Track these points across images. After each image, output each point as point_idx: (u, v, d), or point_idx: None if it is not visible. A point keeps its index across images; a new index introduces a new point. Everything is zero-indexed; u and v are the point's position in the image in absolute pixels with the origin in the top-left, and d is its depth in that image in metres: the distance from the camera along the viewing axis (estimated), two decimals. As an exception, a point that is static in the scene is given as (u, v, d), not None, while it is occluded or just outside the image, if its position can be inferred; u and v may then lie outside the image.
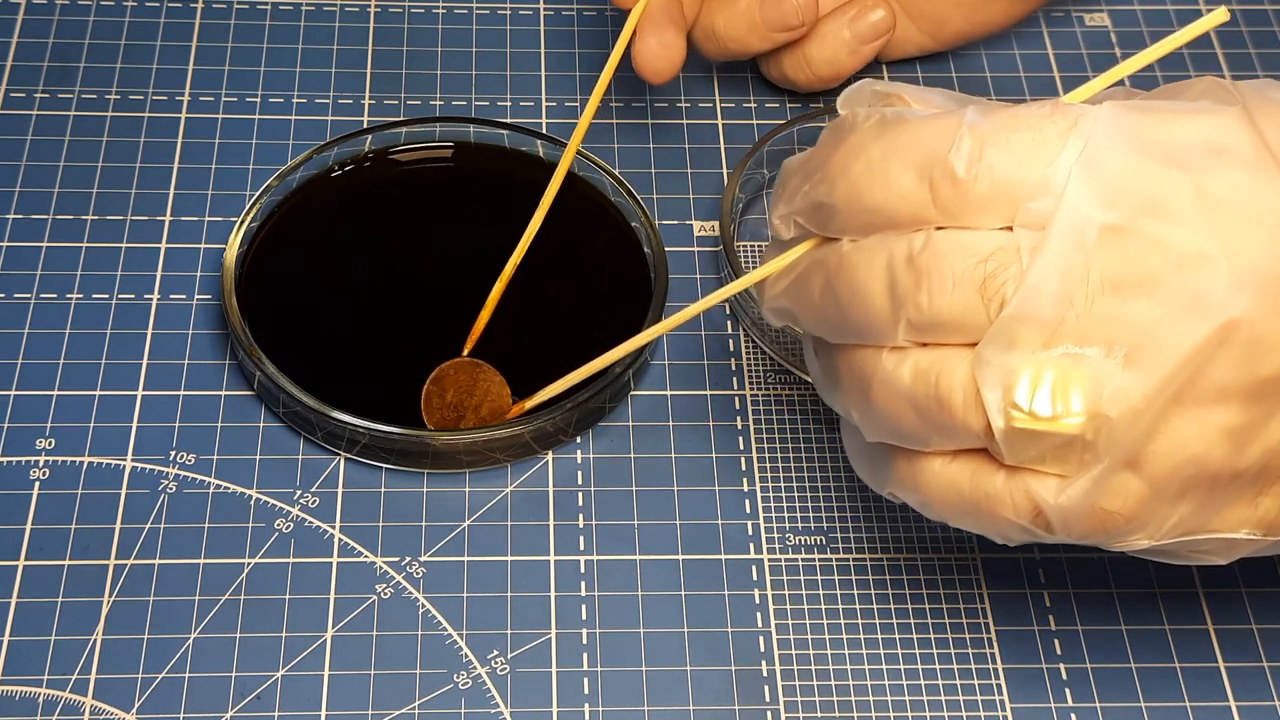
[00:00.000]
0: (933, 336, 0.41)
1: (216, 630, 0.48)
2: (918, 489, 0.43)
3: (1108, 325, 0.39)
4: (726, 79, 0.64)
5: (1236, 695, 0.48)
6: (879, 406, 0.42)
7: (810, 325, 0.44)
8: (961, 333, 0.40)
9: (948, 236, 0.40)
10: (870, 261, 0.41)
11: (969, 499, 0.42)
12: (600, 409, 0.53)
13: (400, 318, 0.55)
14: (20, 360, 0.54)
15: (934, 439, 0.42)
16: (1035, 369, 0.40)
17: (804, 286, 0.44)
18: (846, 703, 0.48)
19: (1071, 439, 0.40)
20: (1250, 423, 0.40)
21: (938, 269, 0.40)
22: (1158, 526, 0.41)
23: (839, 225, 0.42)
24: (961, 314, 0.40)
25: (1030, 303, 0.39)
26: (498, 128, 0.59)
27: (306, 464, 0.52)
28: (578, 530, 0.51)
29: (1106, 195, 0.39)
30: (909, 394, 0.41)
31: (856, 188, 0.42)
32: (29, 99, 0.62)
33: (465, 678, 0.48)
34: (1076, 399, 0.39)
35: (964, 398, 0.40)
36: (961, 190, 0.40)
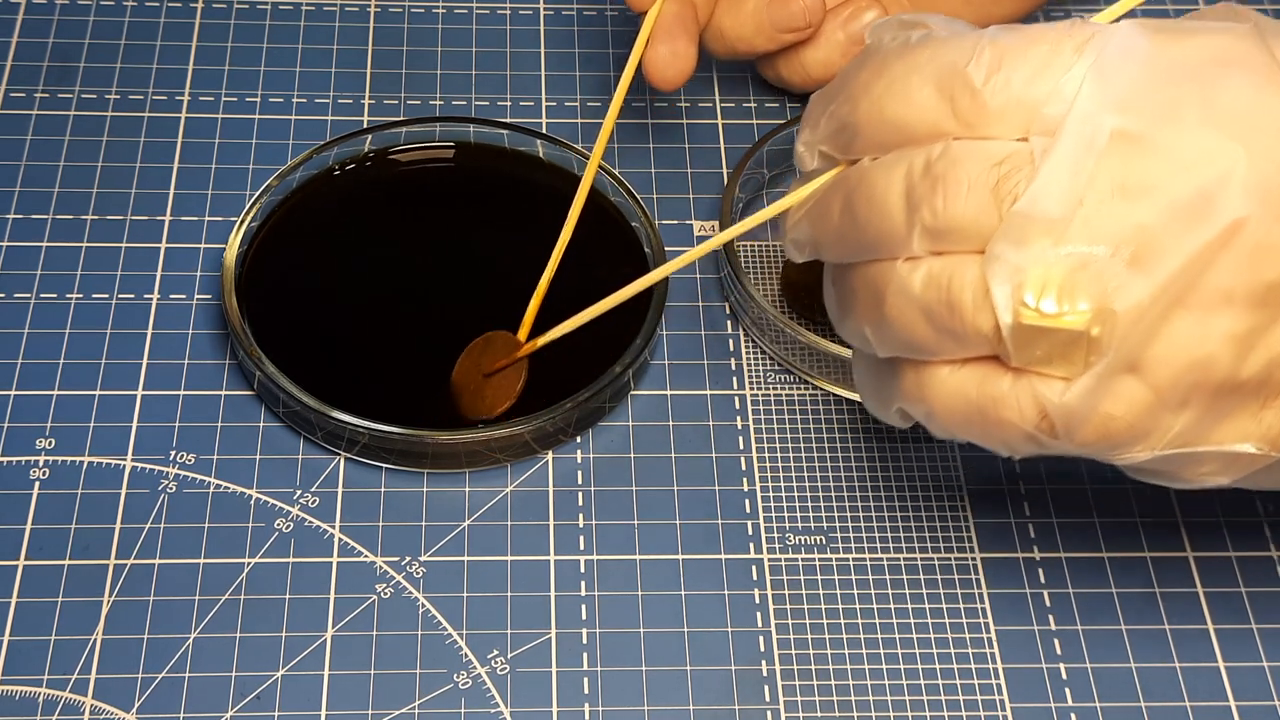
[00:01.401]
0: (946, 243, 0.42)
1: (216, 630, 0.48)
2: (925, 400, 0.44)
3: (1115, 226, 0.40)
4: (726, 79, 0.64)
5: (1236, 695, 0.48)
6: (892, 317, 0.43)
7: (829, 246, 0.46)
8: (974, 238, 0.41)
9: (964, 145, 0.42)
10: (889, 174, 0.43)
11: (975, 405, 0.43)
12: (600, 409, 0.53)
13: (400, 317, 0.55)
14: (20, 360, 0.54)
15: (944, 346, 0.43)
16: (1043, 267, 0.40)
17: (824, 209, 0.45)
18: (846, 703, 0.48)
19: (1077, 336, 0.41)
20: (1254, 329, 0.41)
21: (953, 174, 0.41)
22: (1160, 436, 0.42)
23: (861, 145, 0.44)
24: (975, 217, 0.41)
25: (1040, 202, 0.40)
26: (498, 128, 0.59)
27: (306, 464, 0.52)
28: (578, 530, 0.51)
29: (1117, 102, 0.41)
30: (921, 301, 0.42)
31: (878, 104, 0.43)
32: (29, 99, 0.62)
33: (465, 677, 0.48)
34: (1083, 296, 0.40)
35: (973, 299, 0.41)
36: (979, 101, 0.41)
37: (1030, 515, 0.52)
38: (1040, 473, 0.53)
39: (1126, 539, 0.52)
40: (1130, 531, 0.52)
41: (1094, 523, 0.52)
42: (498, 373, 0.53)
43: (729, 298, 0.57)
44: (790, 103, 0.64)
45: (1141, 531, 0.52)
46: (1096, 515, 0.52)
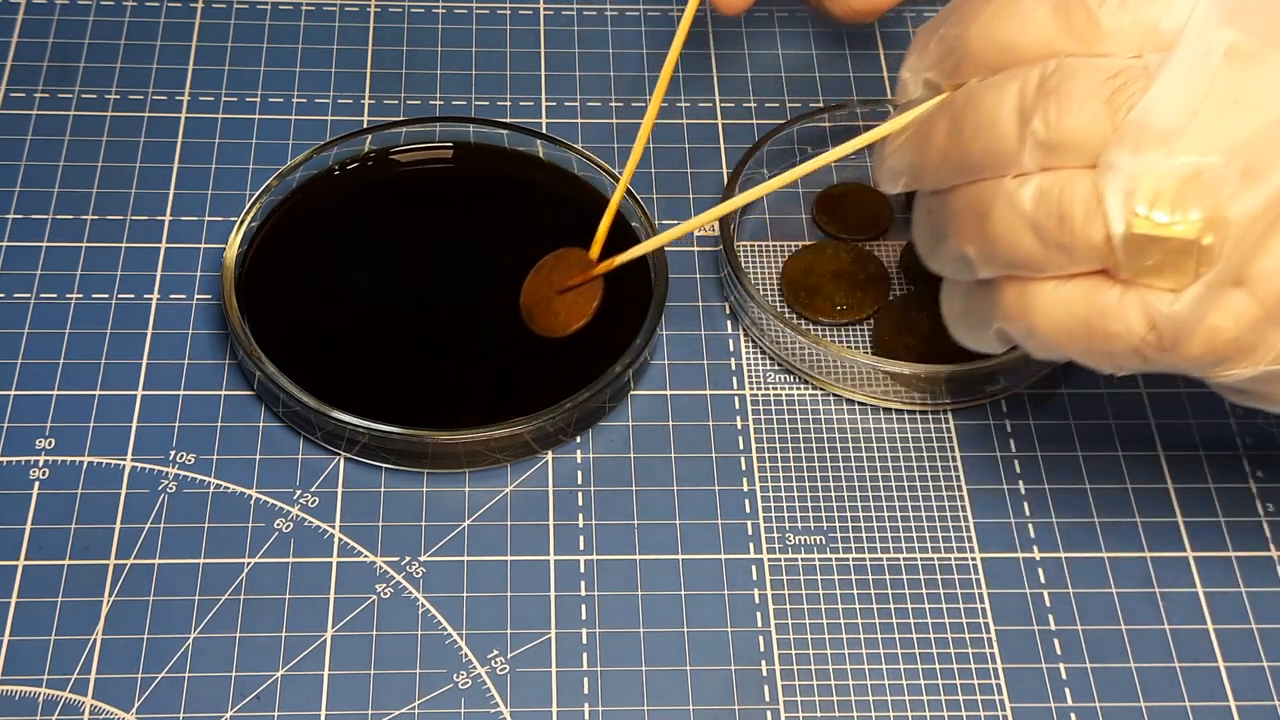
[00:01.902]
0: (1057, 156, 0.42)
1: (216, 630, 0.48)
2: (1027, 316, 0.44)
3: (1228, 137, 0.41)
4: (726, 79, 0.64)
5: (1236, 695, 0.48)
6: (999, 234, 0.44)
7: (930, 170, 0.46)
8: (1086, 151, 0.42)
9: (1079, 60, 0.42)
10: (1000, 91, 0.43)
11: (1081, 318, 0.43)
12: (600, 409, 0.53)
13: (400, 317, 0.55)
14: (20, 360, 0.54)
15: (1052, 260, 0.43)
16: (1156, 176, 0.41)
17: (926, 133, 0.46)
18: (846, 703, 0.48)
19: (1188, 245, 0.41)
20: None
21: (1067, 88, 0.42)
22: (1265, 351, 0.42)
23: (971, 67, 0.44)
24: (1088, 129, 0.42)
25: (1155, 112, 0.41)
26: (498, 128, 0.59)
27: (306, 464, 0.52)
28: (577, 530, 0.51)
29: (1233, 13, 0.41)
30: (1030, 215, 0.43)
31: (990, 25, 0.44)
32: (29, 99, 0.62)
33: (465, 677, 0.48)
34: (1195, 205, 0.41)
35: (1085, 210, 0.42)
36: (1094, 20, 0.42)
37: (1030, 515, 0.52)
38: (1040, 473, 0.53)
39: (1126, 539, 0.52)
40: (1130, 531, 0.52)
41: (1094, 523, 0.52)
42: (571, 290, 0.53)
43: (729, 298, 0.57)
44: (790, 103, 0.64)
45: (1141, 531, 0.52)
46: (1096, 515, 0.52)
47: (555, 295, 0.53)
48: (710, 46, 0.65)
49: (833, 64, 0.65)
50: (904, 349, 0.55)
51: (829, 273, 0.57)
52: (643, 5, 0.67)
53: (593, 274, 0.53)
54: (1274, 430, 0.55)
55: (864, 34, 0.66)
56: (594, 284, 0.53)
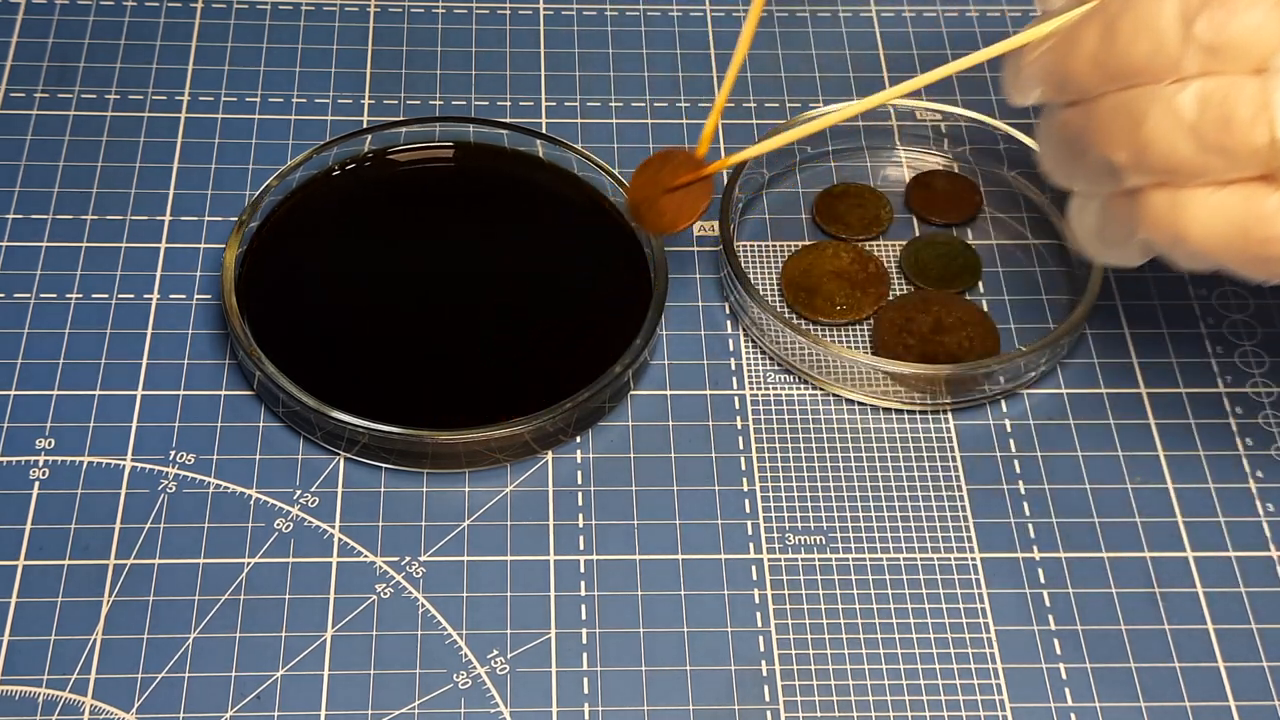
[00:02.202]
0: (1222, 60, 0.42)
1: (216, 630, 0.48)
2: (1180, 223, 0.44)
3: None
4: (726, 79, 0.64)
5: (1236, 695, 0.48)
6: (1155, 139, 0.44)
7: (1076, 78, 0.46)
8: (1252, 55, 0.42)
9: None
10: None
11: (1239, 224, 0.43)
12: (600, 409, 0.53)
13: (400, 317, 0.55)
14: (20, 360, 0.54)
15: (1210, 165, 0.43)
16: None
17: (1074, 40, 0.45)
18: (846, 703, 0.48)
19: None
20: None
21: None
22: None
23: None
24: (1256, 32, 0.42)
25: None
26: (498, 128, 0.59)
27: (306, 464, 0.52)
28: (577, 530, 0.51)
29: None
30: (1191, 120, 0.43)
31: None
32: (29, 99, 0.62)
33: (465, 677, 0.48)
34: None
35: (1250, 114, 0.42)
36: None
37: (1030, 515, 0.52)
38: (1040, 473, 0.53)
39: (1126, 539, 0.52)
40: (1130, 531, 0.52)
41: (1094, 523, 0.52)
42: (681, 189, 0.53)
43: (729, 298, 0.57)
44: (790, 103, 0.64)
45: (1141, 531, 0.52)
46: (1096, 515, 0.52)
47: (663, 194, 0.53)
48: (710, 47, 0.65)
49: (833, 64, 0.65)
50: (904, 349, 0.55)
51: (829, 273, 0.57)
52: (643, 5, 0.67)
53: (703, 173, 0.53)
54: (1274, 430, 0.55)
55: (864, 34, 0.66)
56: (704, 184, 0.53)
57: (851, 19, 0.67)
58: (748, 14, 0.53)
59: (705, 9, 0.67)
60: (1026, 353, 0.54)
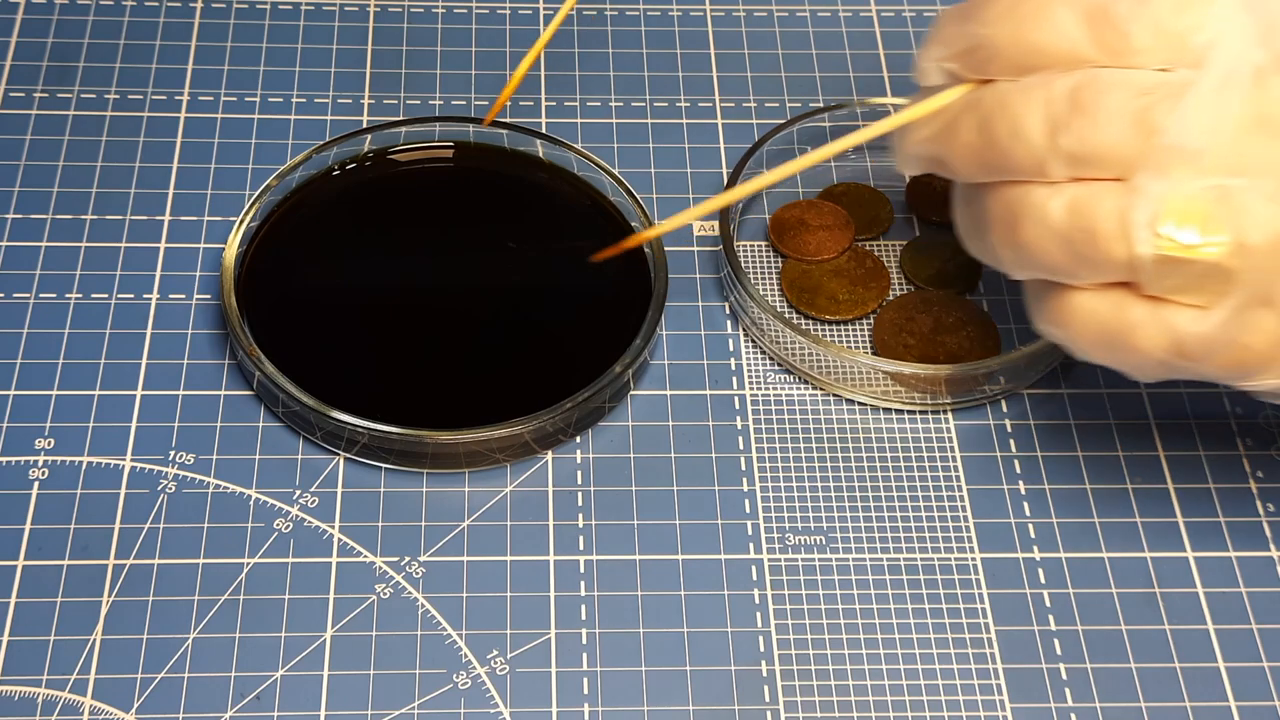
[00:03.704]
0: (1087, 169, 0.42)
1: (216, 630, 0.48)
2: (1062, 323, 0.45)
3: (1255, 160, 0.41)
4: (726, 79, 0.64)
5: (1236, 695, 0.48)
6: (1028, 241, 0.44)
7: (959, 165, 0.46)
8: (1115, 166, 0.42)
9: (1110, 73, 0.42)
10: (1029, 97, 0.43)
11: (1110, 330, 0.44)
12: (600, 409, 0.53)
13: (400, 317, 0.55)
14: (19, 360, 0.54)
15: (1080, 271, 0.43)
16: (1185, 198, 0.41)
17: (953, 128, 0.45)
18: (846, 703, 0.48)
19: (1212, 268, 0.41)
20: None
21: (1098, 102, 0.42)
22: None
23: (998, 66, 0.44)
24: (1117, 145, 0.42)
25: (1182, 134, 0.41)
26: (498, 128, 0.59)
27: (306, 464, 0.52)
28: (577, 530, 0.51)
29: (1264, 34, 0.41)
30: (1059, 226, 0.43)
31: (1021, 28, 0.43)
32: (29, 99, 0.62)
33: (465, 678, 0.48)
34: (1221, 228, 0.41)
35: (1112, 227, 0.42)
36: (1124, 32, 0.42)
37: (1030, 515, 0.52)
38: (1040, 473, 0.53)
39: (1126, 539, 0.52)
40: (1130, 531, 0.52)
41: (1094, 523, 0.52)
42: None
43: (729, 298, 0.57)
44: (790, 102, 0.64)
45: (1141, 531, 0.52)
46: (1096, 515, 0.52)
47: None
48: (711, 46, 0.65)
49: (833, 64, 0.65)
50: (904, 349, 0.55)
51: (829, 272, 0.57)
52: (643, 5, 0.67)
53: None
54: (1274, 430, 0.55)
55: (864, 34, 0.66)
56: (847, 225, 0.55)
57: (851, 19, 0.67)
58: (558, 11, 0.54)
59: (705, 9, 0.67)
60: (1026, 353, 0.54)
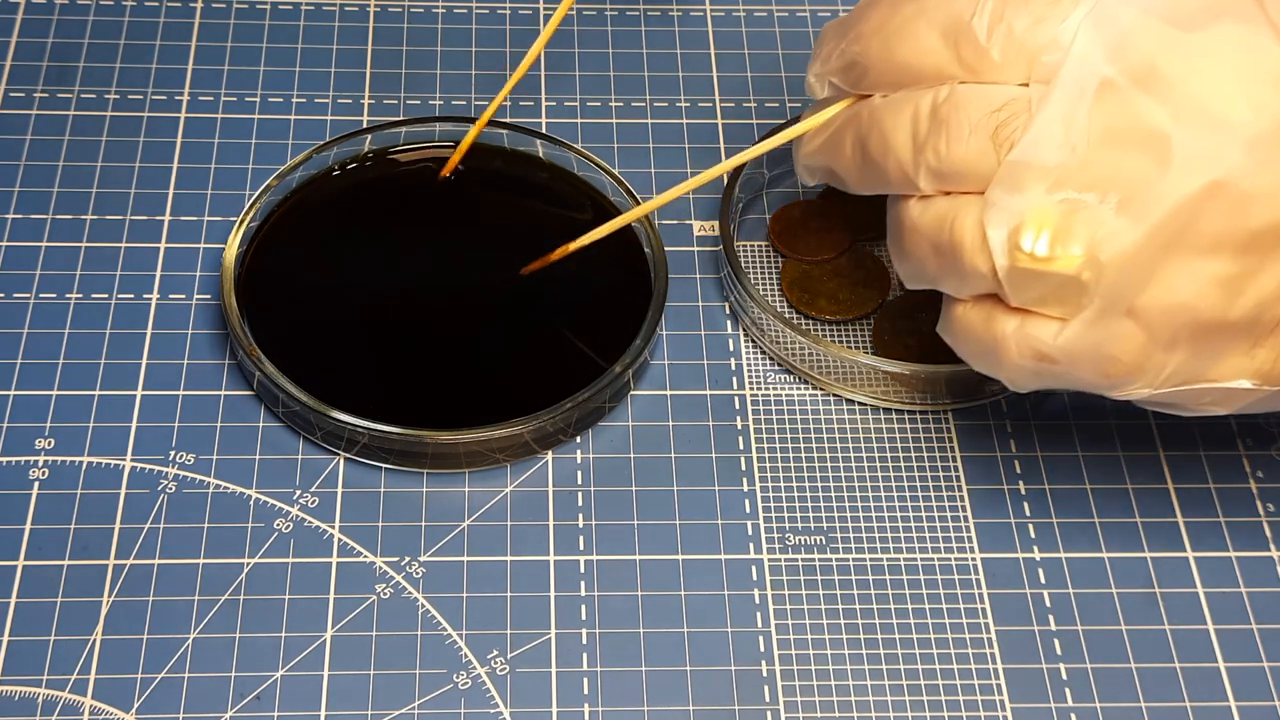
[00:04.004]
0: (950, 183, 0.44)
1: (216, 630, 0.48)
2: (947, 333, 0.47)
3: (1104, 173, 0.42)
4: (726, 79, 0.64)
5: (1236, 695, 0.48)
6: (908, 251, 0.46)
7: (845, 177, 0.48)
8: (975, 180, 0.43)
9: (968, 89, 0.43)
10: (898, 113, 0.45)
11: (983, 340, 0.45)
12: (600, 409, 0.53)
13: (400, 317, 0.55)
14: (20, 360, 0.54)
15: (953, 283, 0.45)
16: (1037, 211, 0.42)
17: (838, 142, 0.47)
18: (846, 703, 0.48)
19: (1069, 280, 0.42)
20: (1241, 273, 0.42)
21: (956, 118, 0.43)
22: (1156, 374, 0.43)
23: (871, 82, 0.46)
24: (975, 160, 0.43)
25: (1034, 149, 0.42)
26: (498, 128, 0.59)
27: (306, 464, 0.52)
28: (577, 530, 0.51)
29: (1111, 50, 0.42)
30: (930, 239, 0.44)
31: (888, 46, 0.45)
32: (29, 99, 0.62)
33: (465, 678, 0.48)
34: (1074, 241, 0.42)
35: (973, 240, 0.43)
36: (982, 49, 0.43)
37: (1030, 515, 0.52)
38: (1040, 473, 0.53)
39: (1126, 539, 0.52)
40: (1130, 531, 0.52)
41: (1094, 523, 0.52)
42: None
43: (729, 298, 0.57)
44: (790, 102, 0.64)
45: (1141, 531, 0.52)
46: (1096, 515, 0.52)
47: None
48: (711, 47, 0.65)
49: (832, 64, 0.65)
50: (904, 349, 0.55)
51: (829, 272, 0.57)
52: (643, 5, 0.67)
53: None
54: (1274, 430, 0.55)
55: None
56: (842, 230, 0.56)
57: (851, 19, 0.67)
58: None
59: (705, 9, 0.67)
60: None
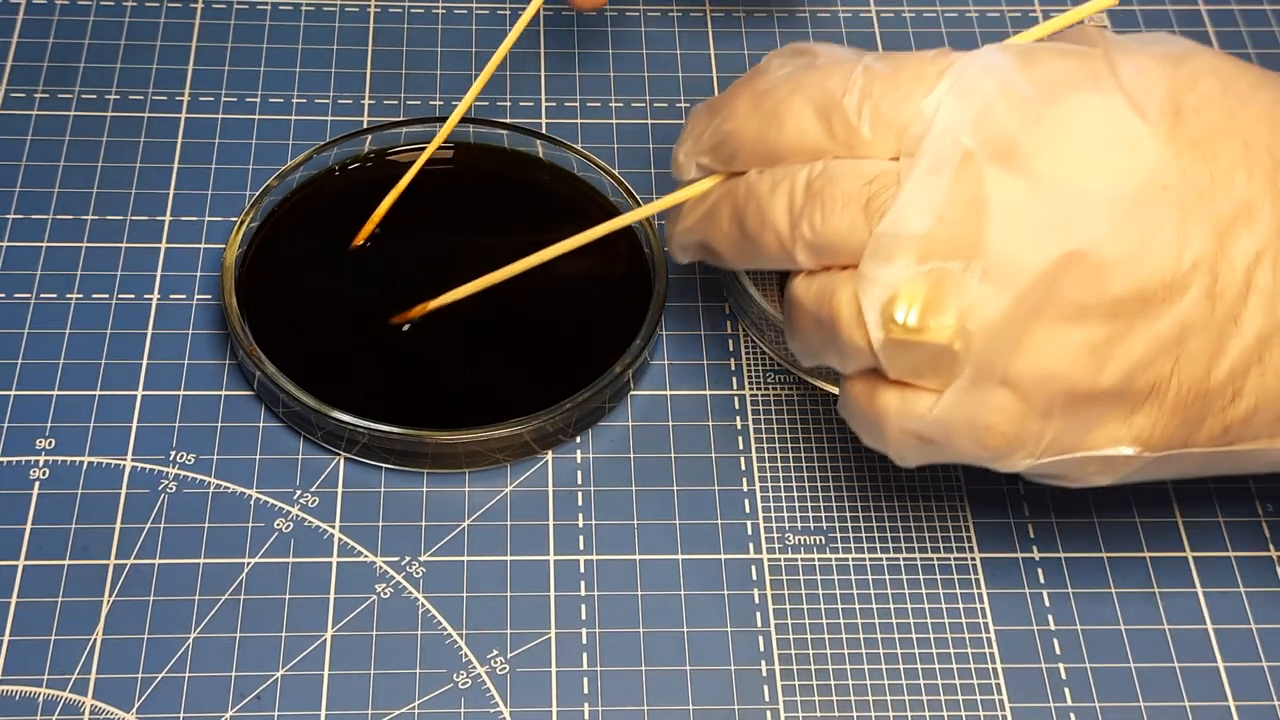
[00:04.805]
0: (826, 257, 0.44)
1: (216, 630, 0.48)
2: (841, 409, 0.47)
3: (968, 242, 0.42)
4: (726, 79, 0.64)
5: (1236, 695, 0.48)
6: (796, 327, 0.46)
7: (724, 253, 0.48)
8: (850, 253, 0.43)
9: (841, 163, 0.44)
10: (774, 189, 0.45)
11: (866, 415, 0.45)
12: (600, 409, 0.53)
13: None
14: (20, 360, 0.54)
15: (834, 357, 0.45)
16: (908, 282, 0.42)
17: (714, 218, 0.47)
18: (846, 703, 0.48)
19: (942, 350, 0.42)
20: (1109, 339, 0.42)
21: (830, 191, 0.44)
22: (1034, 443, 0.44)
23: (745, 160, 0.46)
24: (848, 233, 0.43)
25: (902, 219, 0.42)
26: (498, 128, 0.59)
27: (306, 464, 0.52)
28: (577, 530, 0.51)
29: (973, 122, 0.43)
30: (814, 314, 0.45)
31: (764, 124, 0.45)
32: (29, 99, 0.62)
33: (465, 677, 0.48)
34: (944, 311, 0.42)
35: (849, 314, 0.44)
36: (852, 125, 0.44)
37: (1030, 515, 0.52)
38: (1040, 473, 0.53)
39: (1126, 539, 0.52)
40: (1130, 531, 0.52)
41: (1094, 523, 0.52)
42: None
43: (729, 298, 0.57)
44: (790, 103, 0.64)
45: (1141, 531, 0.52)
46: (1096, 515, 0.52)
47: None
48: (710, 47, 0.65)
49: (832, 64, 0.65)
50: (904, 349, 0.55)
51: (829, 273, 0.57)
52: (643, 6, 0.67)
53: None
54: (1274, 430, 0.55)
55: (864, 34, 0.66)
56: None
57: (851, 19, 0.67)
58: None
59: (705, 9, 0.67)
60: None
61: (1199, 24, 0.67)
